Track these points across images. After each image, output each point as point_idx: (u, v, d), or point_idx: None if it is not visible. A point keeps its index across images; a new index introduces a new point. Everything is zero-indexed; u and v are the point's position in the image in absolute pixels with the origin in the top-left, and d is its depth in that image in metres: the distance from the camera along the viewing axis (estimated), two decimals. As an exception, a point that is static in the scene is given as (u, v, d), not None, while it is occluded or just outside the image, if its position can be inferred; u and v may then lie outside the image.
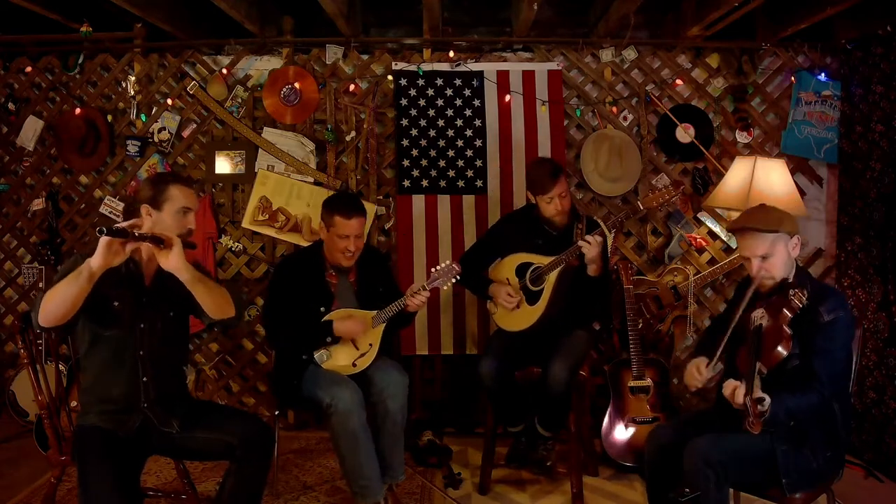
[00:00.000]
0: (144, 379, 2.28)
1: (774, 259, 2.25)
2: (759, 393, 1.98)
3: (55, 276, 2.18)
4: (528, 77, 3.87)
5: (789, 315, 2.14)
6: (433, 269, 2.90)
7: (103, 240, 1.96)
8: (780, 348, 2.10)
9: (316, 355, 2.91)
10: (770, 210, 2.36)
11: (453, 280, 2.87)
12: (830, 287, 2.55)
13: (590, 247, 2.90)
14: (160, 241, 2.10)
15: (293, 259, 3.19)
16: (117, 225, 2.00)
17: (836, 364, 2.18)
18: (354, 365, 2.90)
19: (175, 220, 2.26)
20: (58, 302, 2.03)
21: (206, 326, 3.98)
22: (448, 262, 2.89)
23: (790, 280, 2.28)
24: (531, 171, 3.14)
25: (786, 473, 2.17)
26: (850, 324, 2.24)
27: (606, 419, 3.36)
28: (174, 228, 2.23)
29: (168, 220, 2.25)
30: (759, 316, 2.19)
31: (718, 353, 2.27)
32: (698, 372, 2.32)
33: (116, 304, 2.23)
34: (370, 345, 2.92)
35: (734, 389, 2.08)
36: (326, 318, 2.93)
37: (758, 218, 2.31)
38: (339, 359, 2.91)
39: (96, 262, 1.99)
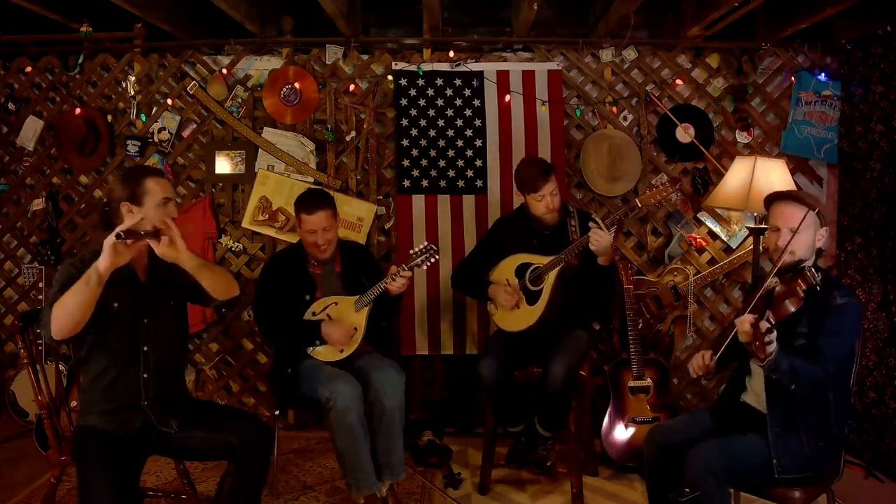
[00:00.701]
0: (145, 375, 2.28)
1: (801, 237, 2.26)
2: (766, 324, 2.00)
3: (52, 289, 2.18)
4: (528, 77, 3.87)
5: (803, 286, 2.19)
6: (411, 251, 2.92)
7: (110, 242, 1.97)
8: (788, 303, 2.17)
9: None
10: (810, 194, 2.44)
11: (432, 259, 2.89)
12: (840, 279, 2.59)
13: (599, 240, 2.86)
14: (158, 235, 2.11)
15: (279, 255, 3.30)
16: (126, 227, 2.00)
17: (840, 347, 2.20)
18: (342, 351, 2.95)
19: (158, 213, 2.24)
20: (70, 311, 2.03)
21: (205, 327, 4.00)
22: (425, 242, 2.92)
23: (808, 265, 2.30)
24: (521, 171, 3.13)
25: (777, 455, 2.20)
26: (858, 313, 2.27)
27: (606, 419, 3.36)
28: (159, 221, 2.22)
29: (151, 213, 2.23)
30: (774, 283, 2.25)
31: (726, 342, 2.27)
32: (703, 358, 2.34)
33: (116, 304, 2.23)
34: (355, 329, 2.96)
35: (745, 319, 2.10)
36: (312, 308, 3.01)
37: (800, 192, 2.40)
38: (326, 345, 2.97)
39: (104, 264, 1.99)
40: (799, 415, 2.22)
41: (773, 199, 2.38)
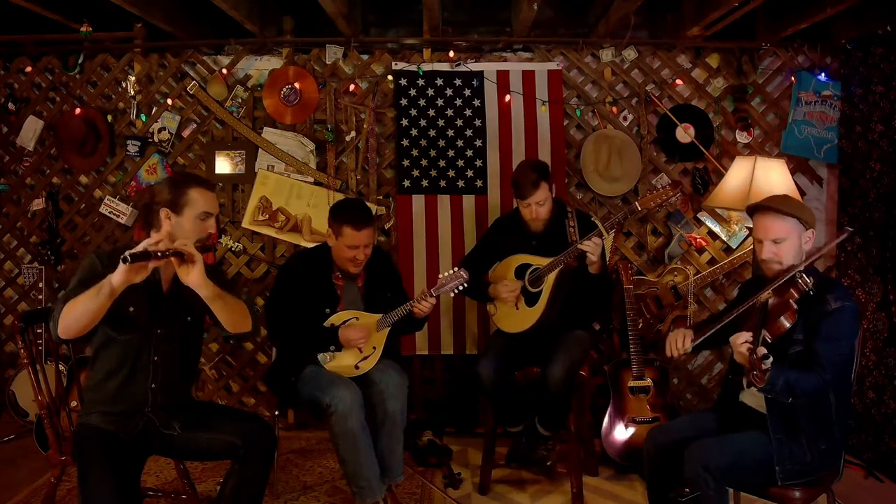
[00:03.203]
0: (153, 385, 2.26)
1: (786, 245, 2.26)
2: (763, 350, 2.00)
3: (72, 279, 2.16)
4: (528, 77, 3.88)
5: (796, 294, 2.17)
6: (440, 276, 2.88)
7: (123, 264, 1.90)
8: (783, 319, 2.15)
9: (319, 356, 2.91)
10: (791, 199, 2.38)
11: (460, 287, 2.85)
12: (837, 280, 2.56)
13: (591, 251, 2.88)
14: (182, 256, 2.03)
15: (301, 257, 3.15)
16: (138, 248, 1.92)
17: (838, 351, 2.19)
18: (357, 367, 2.89)
19: (195, 226, 2.20)
20: (77, 316, 2.00)
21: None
22: (455, 268, 2.87)
23: (799, 268, 2.28)
24: (515, 174, 3.11)
25: (780, 461, 2.19)
26: (855, 315, 2.24)
27: (606, 419, 3.35)
28: (193, 233, 2.17)
29: (188, 225, 2.19)
30: (767, 296, 2.24)
31: (707, 335, 2.30)
32: (682, 340, 2.35)
33: (132, 309, 2.19)
34: (374, 348, 2.91)
35: (742, 341, 2.10)
36: (330, 320, 2.92)
37: (779, 200, 2.34)
38: (342, 361, 2.90)
39: (117, 280, 1.93)
40: (800, 422, 2.21)
41: (754, 210, 2.37)
